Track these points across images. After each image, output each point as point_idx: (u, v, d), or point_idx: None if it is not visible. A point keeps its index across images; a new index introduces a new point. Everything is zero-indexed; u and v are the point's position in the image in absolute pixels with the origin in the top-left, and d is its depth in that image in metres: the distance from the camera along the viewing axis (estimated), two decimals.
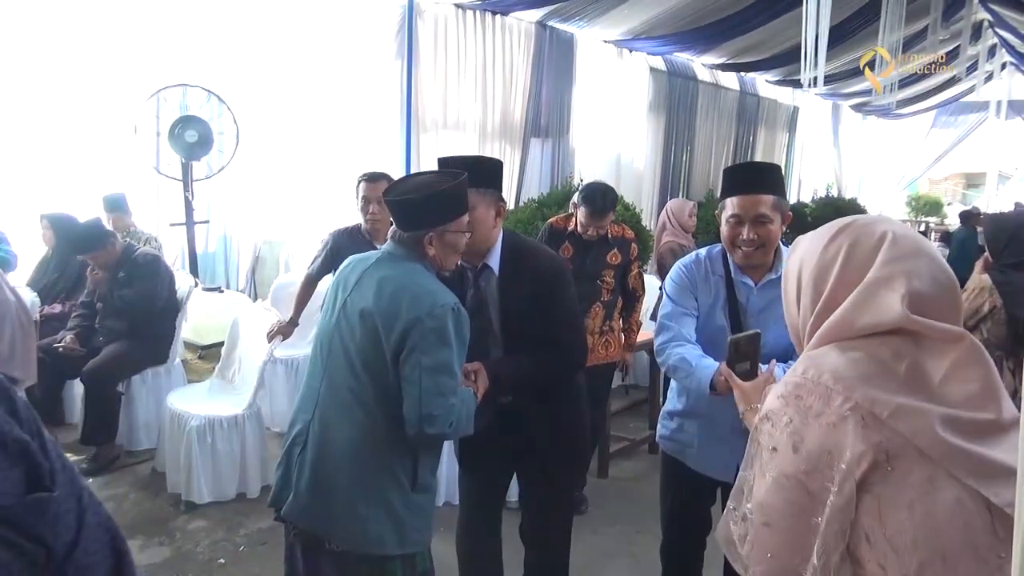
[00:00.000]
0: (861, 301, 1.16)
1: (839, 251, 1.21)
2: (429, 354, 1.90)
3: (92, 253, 4.24)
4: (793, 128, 13.22)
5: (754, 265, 2.28)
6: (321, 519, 1.99)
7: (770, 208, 2.18)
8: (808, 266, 1.26)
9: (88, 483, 3.08)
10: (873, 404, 1.06)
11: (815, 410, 1.11)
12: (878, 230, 1.20)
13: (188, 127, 5.70)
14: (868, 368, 1.11)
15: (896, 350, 1.12)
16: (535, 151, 7.87)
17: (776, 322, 2.18)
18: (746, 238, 2.19)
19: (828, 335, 1.20)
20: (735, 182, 2.27)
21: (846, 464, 1.05)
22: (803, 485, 1.09)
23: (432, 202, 2.01)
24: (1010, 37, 10.37)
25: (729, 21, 8.16)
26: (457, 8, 6.91)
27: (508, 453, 2.44)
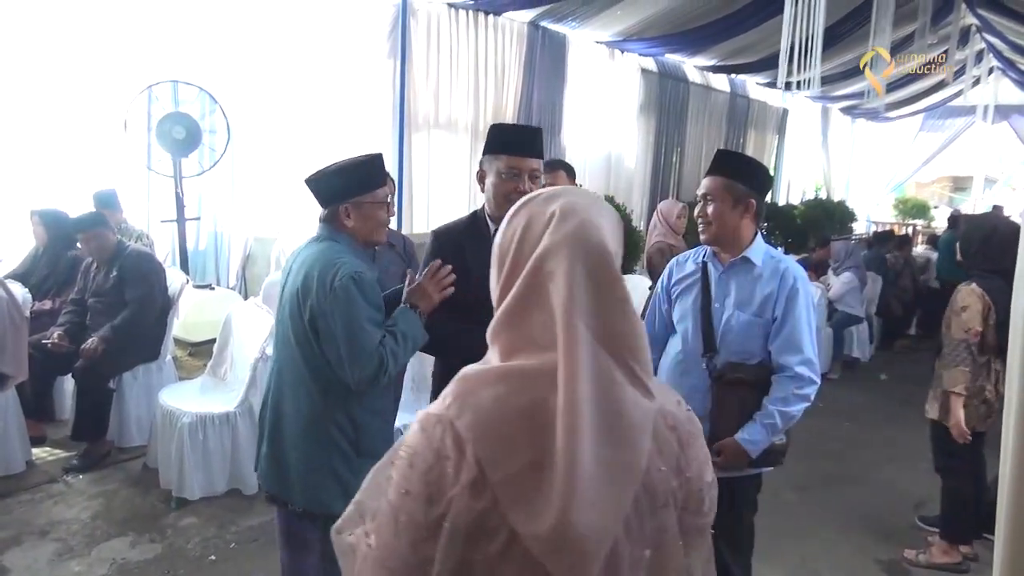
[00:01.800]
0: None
1: (515, 231, 1.06)
2: (338, 317, 2.08)
3: (89, 232, 4.24)
4: (783, 130, 13.29)
5: (712, 244, 2.44)
6: (281, 485, 2.28)
7: (720, 188, 2.35)
8: (495, 243, 1.11)
9: (79, 479, 3.08)
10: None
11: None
12: (550, 206, 1.04)
13: (176, 124, 5.68)
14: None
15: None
16: None
17: (736, 305, 2.37)
18: (697, 214, 2.40)
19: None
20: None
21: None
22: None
23: (342, 174, 2.20)
24: (997, 42, 10.47)
25: (720, 24, 8.21)
26: (450, 8, 6.92)
27: None
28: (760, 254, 2.38)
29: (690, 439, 1.02)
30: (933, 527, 3.86)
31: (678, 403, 1.06)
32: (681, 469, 0.99)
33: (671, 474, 0.98)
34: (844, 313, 7.01)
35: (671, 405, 1.03)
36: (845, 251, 7.38)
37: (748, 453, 2.29)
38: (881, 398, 6.46)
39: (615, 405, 0.93)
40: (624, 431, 0.93)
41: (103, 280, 4.34)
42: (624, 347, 0.96)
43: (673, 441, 1.00)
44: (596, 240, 0.99)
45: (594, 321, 0.94)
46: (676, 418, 1.02)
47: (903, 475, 4.64)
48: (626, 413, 0.94)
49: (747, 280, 2.36)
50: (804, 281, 2.38)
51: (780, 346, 2.32)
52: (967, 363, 3.33)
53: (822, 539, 3.85)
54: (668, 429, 1.00)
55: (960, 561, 3.61)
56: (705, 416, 2.33)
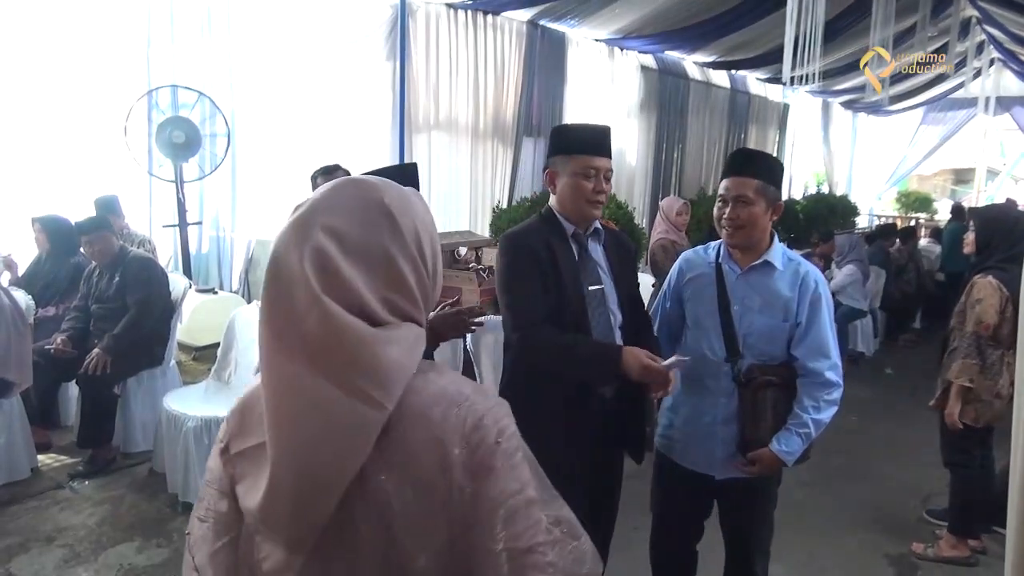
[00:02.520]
0: None
1: None
2: None
3: (93, 235, 4.26)
4: (784, 125, 13.28)
5: (738, 247, 2.36)
6: None
7: (753, 191, 2.25)
8: None
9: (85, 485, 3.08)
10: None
11: None
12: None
13: (176, 128, 5.68)
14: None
15: None
16: (527, 150, 7.89)
17: (758, 308, 2.32)
18: (728, 216, 2.28)
19: None
20: (729, 164, 2.38)
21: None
22: None
23: (396, 177, 2.46)
24: (998, 34, 10.44)
25: (719, 19, 8.19)
26: (448, 8, 6.92)
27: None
28: (780, 257, 2.34)
29: (470, 469, 0.94)
30: (941, 520, 3.85)
31: (475, 426, 0.96)
32: (445, 503, 0.93)
33: (414, 499, 0.93)
34: (848, 307, 6.99)
35: (451, 425, 0.95)
36: (848, 244, 7.36)
37: (784, 463, 2.30)
38: (887, 392, 6.45)
39: (315, 410, 0.90)
40: (330, 435, 0.90)
41: (106, 286, 4.35)
42: (328, 353, 0.90)
43: (432, 465, 0.93)
44: (283, 244, 0.96)
45: (288, 333, 0.91)
46: (446, 441, 0.94)
47: (910, 469, 4.63)
48: (333, 418, 0.90)
49: (768, 283, 2.31)
50: (824, 285, 2.35)
51: (807, 351, 2.29)
52: (974, 356, 3.32)
53: (830, 534, 3.84)
54: (424, 447, 0.93)
55: (969, 555, 3.59)
56: (731, 419, 2.33)
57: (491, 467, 0.94)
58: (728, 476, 2.37)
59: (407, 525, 0.92)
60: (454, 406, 0.96)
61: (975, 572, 3.52)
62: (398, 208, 0.99)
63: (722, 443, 2.35)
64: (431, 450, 0.93)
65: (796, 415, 2.28)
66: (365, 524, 0.93)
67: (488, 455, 0.94)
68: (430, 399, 0.96)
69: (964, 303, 3.43)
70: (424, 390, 0.96)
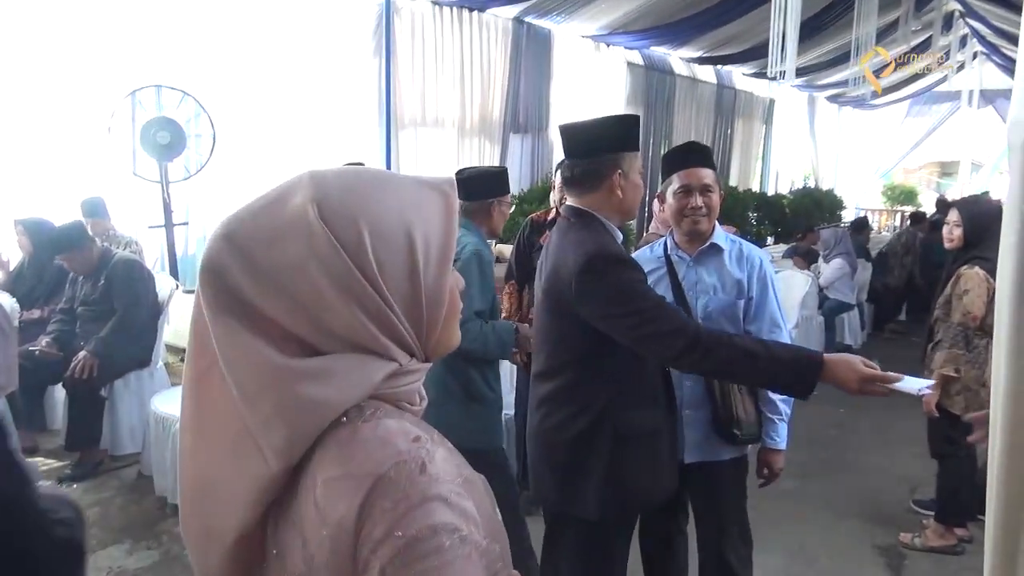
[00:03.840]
0: None
1: None
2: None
3: (68, 253, 4.21)
4: (770, 120, 13.33)
5: (698, 233, 2.42)
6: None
7: (712, 180, 2.40)
8: None
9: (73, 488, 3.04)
10: None
11: None
12: None
13: (160, 128, 5.65)
14: None
15: None
16: (514, 147, 7.89)
17: (713, 289, 2.43)
18: (695, 205, 2.37)
19: None
20: (679, 159, 2.48)
21: None
22: None
23: (499, 177, 2.90)
24: (980, 27, 10.51)
25: (705, 15, 8.22)
26: (434, 5, 6.91)
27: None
28: (724, 238, 2.45)
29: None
30: (928, 510, 3.88)
31: (394, 514, 0.68)
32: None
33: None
34: (835, 300, 7.04)
35: (351, 507, 0.69)
36: (834, 238, 7.40)
37: (783, 450, 2.45)
38: None
39: (209, 457, 0.77)
40: (213, 487, 0.77)
41: (91, 288, 4.32)
42: (227, 374, 0.75)
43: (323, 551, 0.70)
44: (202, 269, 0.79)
45: (194, 362, 0.79)
46: (345, 526, 0.69)
47: (898, 460, 4.67)
48: (218, 469, 0.77)
49: (718, 265, 2.42)
50: (767, 260, 2.51)
51: (761, 324, 2.40)
52: (960, 346, 3.35)
53: (819, 525, 3.87)
54: (313, 528, 0.71)
55: (955, 543, 3.63)
56: (698, 403, 2.39)
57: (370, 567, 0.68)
58: (694, 459, 2.41)
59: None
60: (360, 475, 0.70)
61: (962, 560, 3.55)
62: (337, 214, 0.76)
63: (690, 427, 2.40)
64: (318, 529, 0.70)
65: (768, 402, 2.41)
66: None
67: (386, 550, 0.67)
68: (338, 460, 0.72)
69: (950, 294, 3.45)
70: (337, 445, 0.73)
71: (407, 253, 0.78)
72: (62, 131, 5.61)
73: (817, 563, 3.53)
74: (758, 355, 1.88)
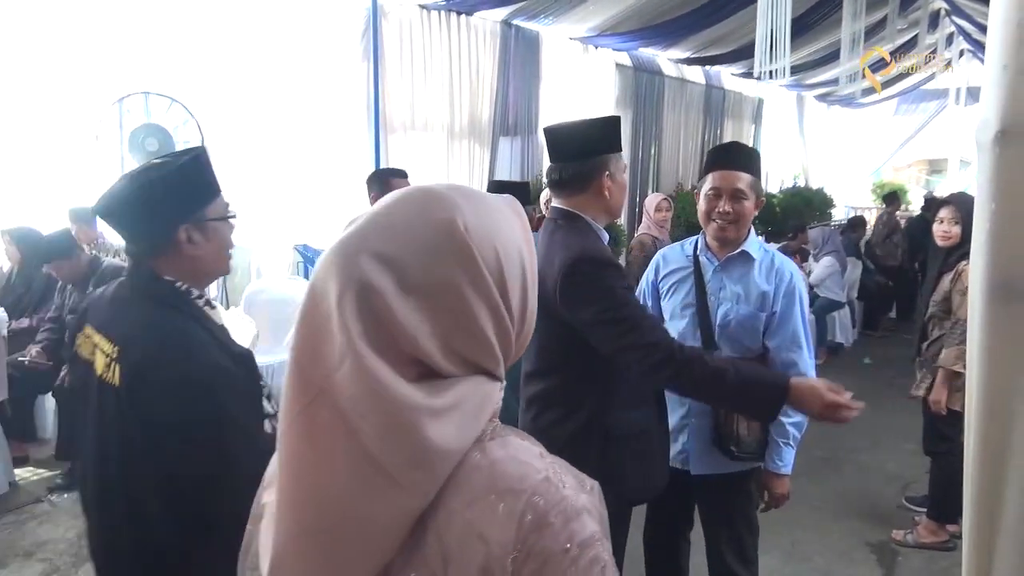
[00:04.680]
0: None
1: None
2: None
3: (56, 262, 4.19)
4: (759, 119, 13.37)
5: (725, 240, 2.35)
6: None
7: (747, 185, 2.27)
8: None
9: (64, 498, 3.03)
10: None
11: None
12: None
13: (148, 135, 5.63)
14: None
15: None
16: (504, 150, 7.89)
17: (736, 298, 2.33)
18: (722, 210, 2.27)
19: None
20: (717, 158, 2.37)
21: None
22: None
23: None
24: (966, 25, 10.57)
25: (693, 15, 8.24)
26: (422, 9, 6.91)
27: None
28: (757, 247, 2.37)
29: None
30: (920, 507, 3.90)
31: (537, 526, 0.71)
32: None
33: None
34: (826, 299, 7.06)
35: (500, 520, 0.71)
36: (823, 237, 7.45)
37: (786, 475, 2.36)
38: (865, 382, 6.51)
39: (340, 492, 0.71)
40: (346, 523, 0.71)
41: (80, 297, 4.30)
42: (354, 416, 0.70)
43: (468, 570, 0.71)
44: (317, 279, 0.76)
45: (317, 377, 0.72)
46: (493, 541, 0.71)
47: (890, 457, 4.69)
48: (354, 503, 0.71)
49: (745, 274, 2.33)
50: (799, 277, 2.39)
51: (782, 341, 2.31)
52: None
53: (813, 524, 3.88)
54: (461, 546, 0.71)
55: (947, 539, 3.65)
56: (704, 412, 2.33)
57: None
58: (702, 472, 2.38)
59: None
60: (510, 494, 0.71)
61: (954, 556, 3.57)
62: (477, 232, 0.76)
63: (696, 436, 2.36)
64: (473, 553, 0.70)
65: (777, 424, 2.28)
66: None
67: (551, 567, 0.70)
68: (481, 483, 0.73)
69: (948, 291, 3.42)
70: (476, 469, 0.74)
71: (521, 272, 0.80)
72: (49, 139, 5.58)
73: (810, 560, 3.54)
74: (725, 378, 1.87)
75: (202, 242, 1.53)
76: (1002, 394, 0.88)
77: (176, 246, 1.49)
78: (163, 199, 1.45)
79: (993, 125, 0.90)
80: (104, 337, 1.46)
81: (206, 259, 1.55)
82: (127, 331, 1.45)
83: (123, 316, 1.48)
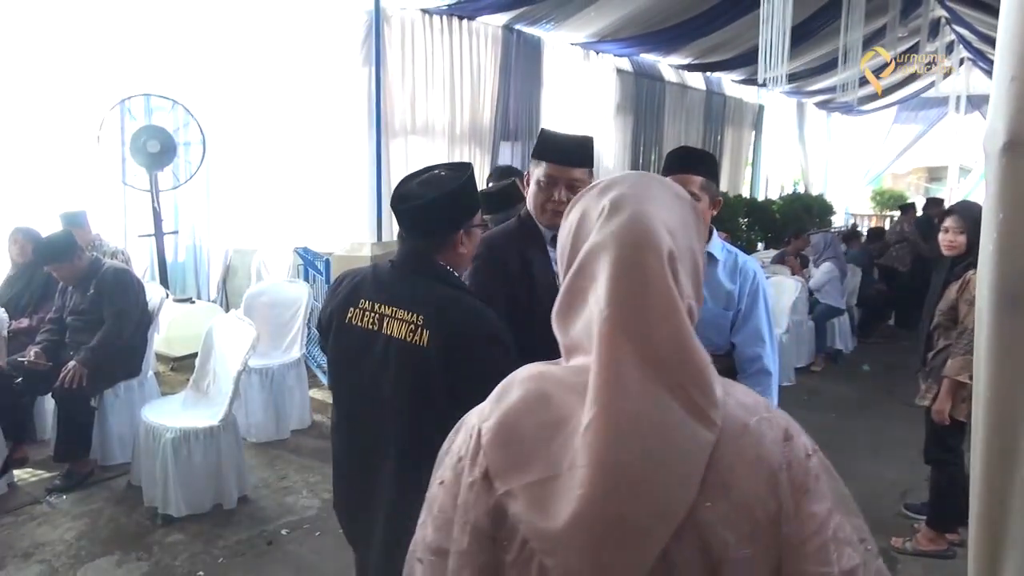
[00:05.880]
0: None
1: (571, 226, 0.97)
2: None
3: (57, 263, 4.19)
4: (759, 126, 13.40)
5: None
6: None
7: (698, 188, 2.28)
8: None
9: (62, 500, 3.03)
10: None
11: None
12: (604, 198, 0.94)
13: (150, 137, 5.64)
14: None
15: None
16: (505, 154, 7.91)
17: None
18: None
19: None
20: (671, 162, 2.38)
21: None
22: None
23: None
24: (967, 33, 10.60)
25: (694, 22, 8.27)
26: (424, 13, 6.92)
27: None
28: (719, 248, 2.41)
29: (799, 487, 0.85)
30: (919, 515, 3.89)
31: (786, 439, 0.87)
32: (773, 524, 0.83)
33: (741, 524, 0.82)
34: (826, 305, 7.07)
35: (768, 440, 0.86)
36: (824, 243, 7.46)
37: None
38: (864, 389, 6.52)
39: (658, 430, 0.81)
40: (667, 459, 0.81)
41: (80, 298, 4.29)
42: (676, 367, 0.83)
43: (757, 484, 0.84)
44: (645, 239, 0.87)
45: (638, 336, 0.83)
46: (766, 454, 0.85)
47: (889, 464, 4.68)
48: (672, 440, 0.81)
49: (711, 275, 2.37)
50: (762, 274, 2.46)
51: (745, 337, 2.37)
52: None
53: None
54: (746, 465, 0.84)
55: (947, 548, 3.64)
56: None
57: (807, 483, 0.85)
58: None
59: (735, 559, 0.81)
60: (762, 419, 0.86)
61: (953, 564, 3.57)
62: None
63: None
64: (756, 469, 0.83)
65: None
66: (684, 560, 0.81)
67: (803, 471, 0.85)
68: (740, 412, 0.86)
69: (954, 300, 3.40)
70: (728, 403, 0.86)
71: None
72: (51, 141, 5.59)
73: None
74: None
75: (468, 244, 1.89)
76: (1009, 403, 0.88)
77: (452, 244, 1.85)
78: (455, 208, 1.83)
79: (1001, 135, 0.90)
80: (403, 309, 1.77)
81: (466, 256, 1.92)
82: (434, 303, 1.76)
83: (417, 292, 1.79)
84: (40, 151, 5.57)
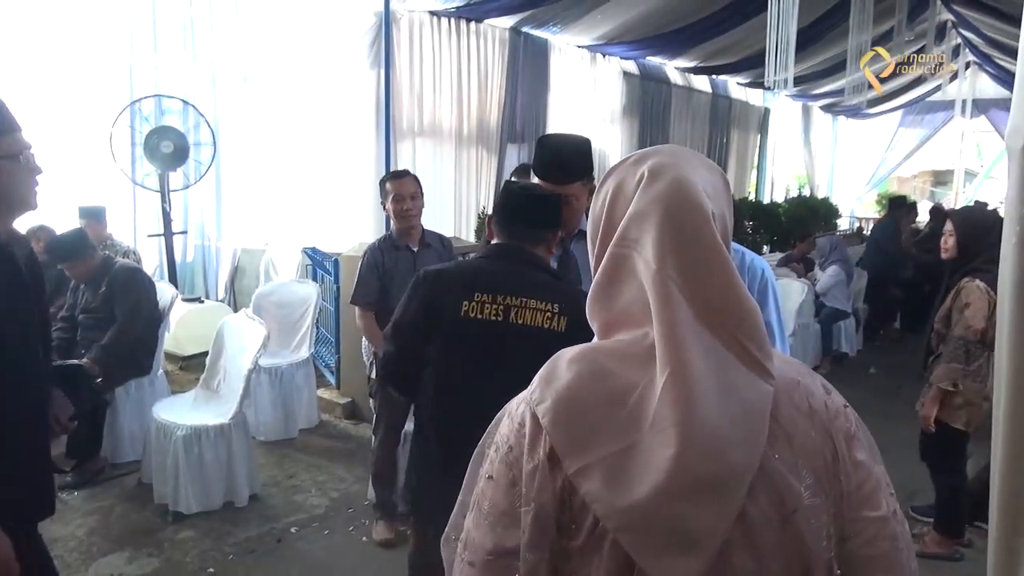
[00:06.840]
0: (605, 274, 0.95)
1: (605, 198, 0.97)
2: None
3: (70, 261, 4.22)
4: (765, 129, 13.40)
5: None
6: None
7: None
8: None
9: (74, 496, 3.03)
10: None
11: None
12: (640, 167, 0.95)
13: (164, 138, 5.66)
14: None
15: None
16: (511, 156, 7.93)
17: None
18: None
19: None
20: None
21: None
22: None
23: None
24: (973, 37, 10.61)
25: (700, 25, 8.28)
26: (432, 15, 6.95)
27: None
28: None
29: (848, 436, 0.90)
30: (926, 517, 3.89)
31: (827, 392, 0.93)
32: (831, 471, 0.87)
33: (806, 473, 0.85)
34: (832, 308, 7.06)
35: (818, 393, 0.91)
36: (830, 245, 7.45)
37: None
38: (871, 391, 6.50)
39: (725, 384, 0.82)
40: (739, 412, 0.82)
41: (92, 296, 4.32)
42: (730, 321, 0.85)
43: (815, 433, 0.87)
44: (689, 200, 0.88)
45: (691, 292, 0.85)
46: (818, 406, 0.89)
47: (895, 467, 4.63)
48: (739, 393, 0.82)
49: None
50: (770, 272, 2.44)
51: None
52: (960, 360, 3.33)
53: None
54: (803, 416, 0.88)
55: (954, 550, 3.64)
56: None
57: (852, 432, 0.91)
58: None
59: (806, 507, 0.84)
60: (807, 375, 0.93)
61: (960, 567, 3.57)
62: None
63: None
64: (812, 419, 0.87)
65: None
66: (760, 514, 0.83)
67: (847, 421, 0.91)
68: (786, 367, 0.91)
69: (950, 307, 3.42)
70: (781, 363, 0.92)
71: None
72: (62, 141, 5.61)
73: None
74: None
75: (555, 242, 2.16)
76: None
77: (547, 242, 2.10)
78: (559, 211, 2.12)
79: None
80: (534, 299, 1.93)
81: (550, 253, 2.15)
82: (562, 292, 1.95)
83: (539, 283, 1.98)
84: (52, 151, 5.59)
